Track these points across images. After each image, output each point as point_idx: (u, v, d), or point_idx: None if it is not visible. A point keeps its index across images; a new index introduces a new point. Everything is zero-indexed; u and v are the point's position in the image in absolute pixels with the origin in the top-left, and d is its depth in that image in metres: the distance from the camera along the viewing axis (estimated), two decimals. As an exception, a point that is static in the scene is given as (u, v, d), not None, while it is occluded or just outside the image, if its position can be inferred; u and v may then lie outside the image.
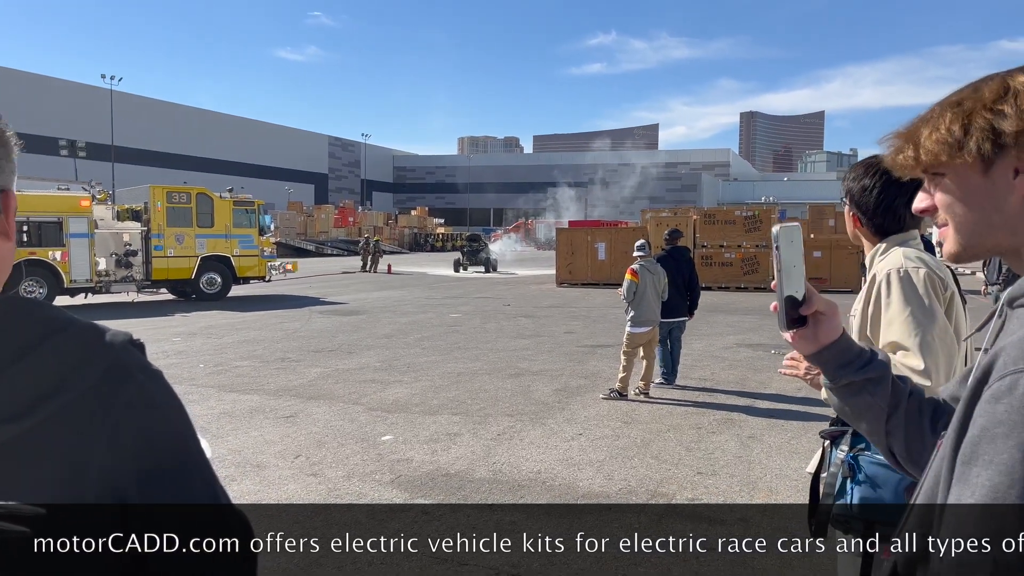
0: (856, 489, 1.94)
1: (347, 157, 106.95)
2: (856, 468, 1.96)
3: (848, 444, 1.99)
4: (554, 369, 9.42)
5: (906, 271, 2.07)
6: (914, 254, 2.17)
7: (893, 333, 2.02)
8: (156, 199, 19.03)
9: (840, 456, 2.01)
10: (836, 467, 2.01)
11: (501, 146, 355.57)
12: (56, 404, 0.75)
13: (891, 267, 2.10)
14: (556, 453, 5.78)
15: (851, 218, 2.28)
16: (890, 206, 2.26)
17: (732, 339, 12.16)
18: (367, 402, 7.54)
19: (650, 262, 8.01)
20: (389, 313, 16.15)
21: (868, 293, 2.13)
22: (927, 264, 2.13)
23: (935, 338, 1.98)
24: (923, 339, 1.97)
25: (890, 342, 2.03)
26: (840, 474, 1.98)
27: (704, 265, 22.35)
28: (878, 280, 2.11)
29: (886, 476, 1.92)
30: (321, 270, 32.81)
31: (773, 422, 6.72)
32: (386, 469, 5.37)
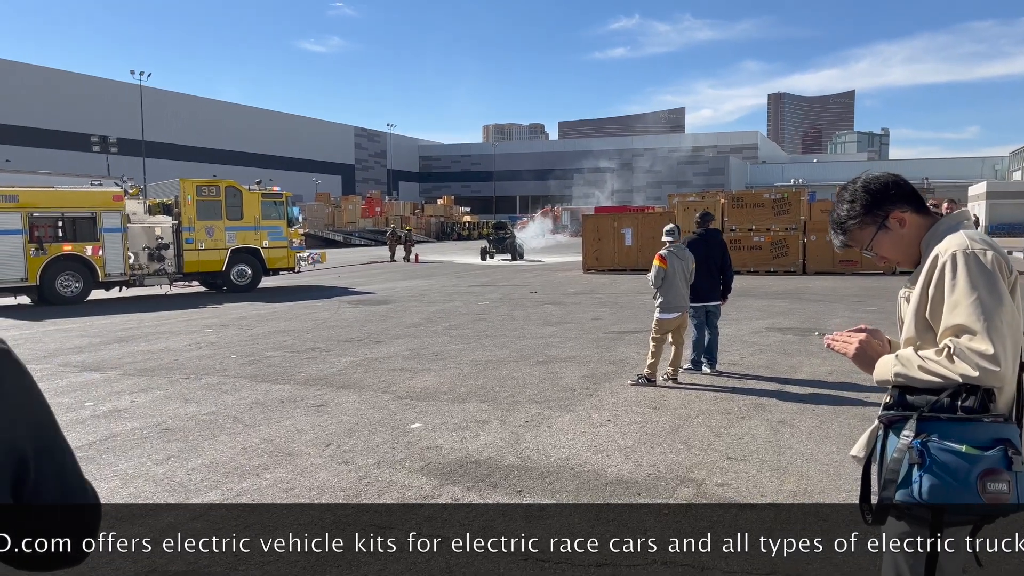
0: (925, 477, 1.87)
1: (373, 147, 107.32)
2: (926, 455, 1.88)
3: (913, 430, 1.91)
4: (582, 356, 9.42)
5: (973, 252, 1.98)
6: (979, 236, 2.07)
7: (959, 316, 1.93)
8: (186, 193, 19.28)
9: (904, 442, 1.92)
10: (900, 453, 1.92)
11: (526, 133, 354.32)
12: None
13: (957, 247, 2.00)
14: (584, 439, 5.79)
15: (885, 234, 2.18)
16: (892, 184, 2.21)
17: (761, 323, 12.05)
18: (396, 390, 7.61)
19: (678, 247, 7.95)
20: (416, 302, 16.24)
21: (929, 273, 2.03)
22: (993, 247, 2.03)
23: (1003, 322, 1.90)
24: (992, 323, 1.89)
25: (955, 324, 1.94)
26: (906, 461, 1.90)
27: (733, 249, 21.97)
28: (941, 260, 2.00)
29: (958, 464, 1.85)
30: (349, 260, 33.06)
31: (804, 407, 6.65)
32: (416, 456, 5.42)
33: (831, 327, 10.25)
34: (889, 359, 2.06)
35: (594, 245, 24.61)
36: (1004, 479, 1.83)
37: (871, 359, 2.13)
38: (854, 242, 2.25)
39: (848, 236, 2.25)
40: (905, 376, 1.99)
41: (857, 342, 2.17)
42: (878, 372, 2.09)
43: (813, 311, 13.68)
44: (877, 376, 2.10)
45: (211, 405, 7.10)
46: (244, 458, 5.46)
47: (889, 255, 2.22)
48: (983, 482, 1.83)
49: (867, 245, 2.22)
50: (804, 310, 13.85)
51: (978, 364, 1.87)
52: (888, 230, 2.18)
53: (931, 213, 2.21)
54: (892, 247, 2.20)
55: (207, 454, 5.58)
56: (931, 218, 2.18)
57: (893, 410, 1.99)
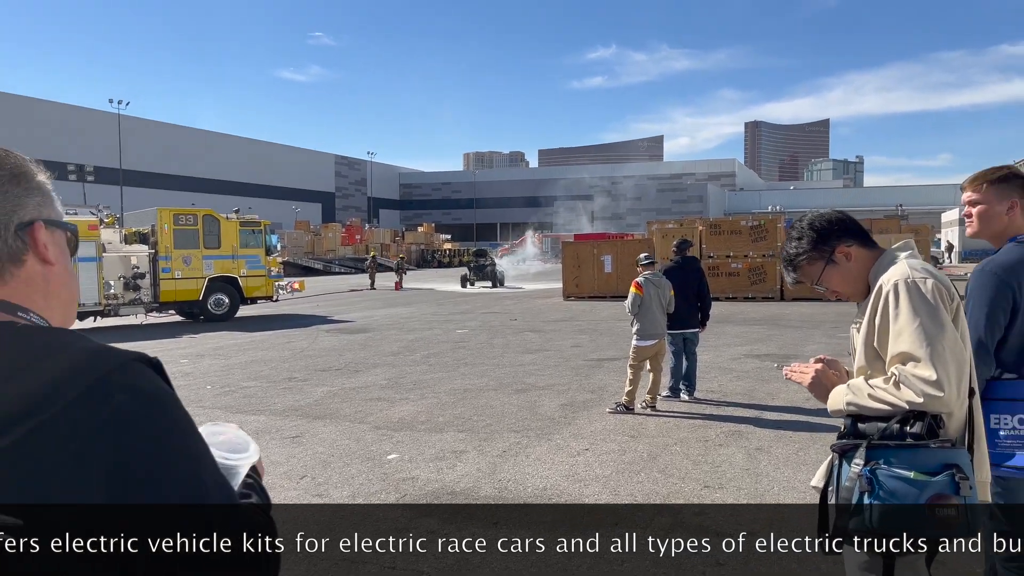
0: (875, 504, 1.90)
1: (353, 175, 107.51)
2: (875, 483, 1.91)
3: (863, 458, 1.95)
4: (560, 384, 9.40)
5: (914, 281, 2.05)
6: (920, 264, 2.16)
7: (903, 343, 1.99)
8: (163, 221, 19.15)
9: (855, 470, 1.95)
10: (851, 481, 1.95)
11: (507, 161, 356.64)
12: (34, 421, 0.80)
13: (898, 277, 2.07)
14: (562, 469, 5.75)
15: (834, 269, 2.26)
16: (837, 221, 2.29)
17: (740, 350, 12.11)
18: (373, 420, 7.54)
19: (655, 275, 7.99)
20: (396, 330, 16.17)
21: (875, 303, 2.10)
22: (934, 274, 2.11)
23: (946, 348, 1.96)
24: (934, 349, 1.95)
25: (900, 352, 1.99)
26: (856, 488, 1.94)
27: (711, 275, 22.19)
28: (884, 290, 2.08)
29: (906, 491, 1.88)
30: (329, 288, 32.91)
31: (781, 433, 6.67)
32: (391, 488, 5.36)
33: (808, 353, 10.33)
34: (841, 389, 2.11)
35: (574, 272, 24.70)
36: (952, 504, 1.85)
37: (826, 389, 2.18)
38: (805, 277, 2.32)
39: (799, 272, 2.32)
40: (856, 405, 2.04)
41: (813, 371, 2.22)
42: (831, 402, 2.14)
43: (791, 337, 13.77)
44: (830, 406, 2.14)
45: (184, 437, 6.97)
46: (216, 492, 5.36)
47: (839, 288, 2.28)
48: (931, 507, 1.85)
49: (817, 280, 2.29)
50: (782, 336, 13.94)
51: (922, 390, 1.92)
52: (836, 264, 2.26)
53: (876, 246, 2.28)
54: (841, 281, 2.27)
55: (178, 488, 5.47)
56: (876, 251, 2.26)
57: (845, 439, 2.03)
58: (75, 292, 1.04)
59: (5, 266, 0.93)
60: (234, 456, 1.12)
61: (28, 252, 0.95)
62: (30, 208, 0.95)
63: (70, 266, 1.02)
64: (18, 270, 0.94)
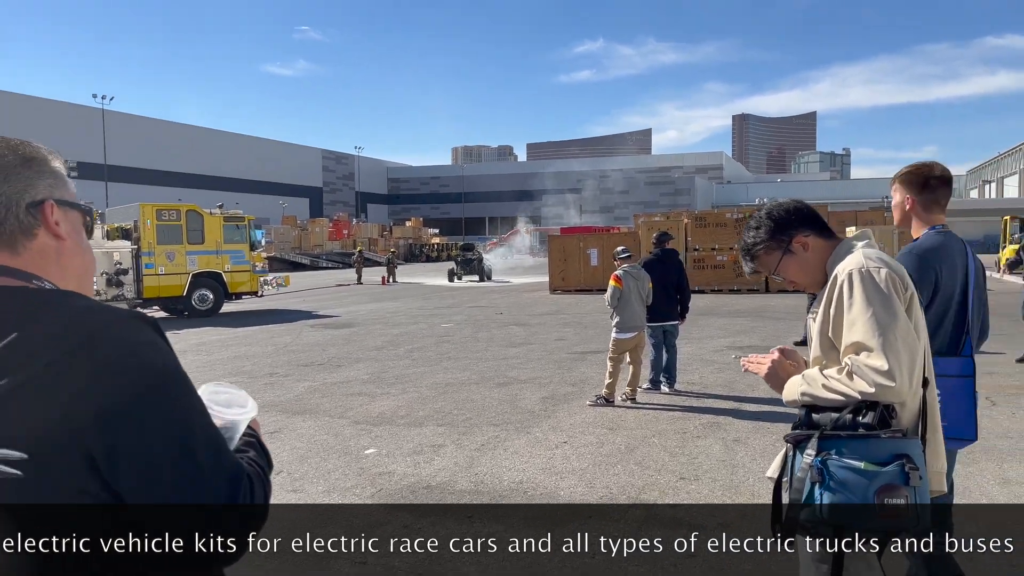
0: (825, 494, 1.90)
1: (341, 170, 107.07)
2: (825, 473, 1.91)
3: (815, 448, 1.95)
4: (543, 377, 9.40)
5: (867, 270, 2.05)
6: (875, 254, 2.16)
7: (856, 334, 2.00)
8: (146, 217, 19.01)
9: (807, 461, 1.95)
10: (803, 471, 1.96)
11: (495, 155, 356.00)
12: (36, 366, 0.91)
13: (852, 266, 2.08)
14: (539, 462, 5.75)
15: (791, 259, 2.26)
16: (794, 210, 2.28)
17: (723, 342, 12.15)
18: (353, 415, 7.51)
19: (634, 267, 8.00)
20: (381, 325, 16.13)
21: (830, 293, 2.10)
22: (888, 264, 2.12)
23: (898, 338, 1.96)
24: (887, 339, 1.95)
25: (853, 343, 2.00)
26: (808, 479, 1.94)
27: (697, 268, 22.37)
28: (839, 280, 2.08)
29: (856, 481, 1.88)
30: (315, 283, 32.79)
31: (759, 424, 6.69)
32: (367, 483, 5.34)
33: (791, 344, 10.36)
34: (796, 379, 2.11)
35: (560, 266, 24.72)
36: (902, 494, 1.85)
37: (782, 380, 2.17)
38: (762, 267, 2.32)
39: (756, 262, 2.32)
40: (811, 395, 2.03)
41: (770, 362, 2.22)
42: (787, 392, 2.13)
43: (774, 329, 13.83)
44: (786, 396, 2.14)
45: (161, 434, 6.93)
46: (191, 488, 5.33)
47: (796, 279, 2.28)
48: (881, 498, 1.85)
49: (774, 269, 2.28)
50: (765, 328, 13.99)
51: (874, 380, 1.92)
52: (793, 254, 2.25)
53: (834, 236, 2.27)
54: (798, 270, 2.26)
55: (153, 485, 5.44)
56: (834, 241, 2.25)
57: (799, 429, 2.02)
58: (89, 265, 1.17)
59: (18, 239, 1.05)
60: (231, 411, 1.21)
61: (40, 227, 1.07)
62: (41, 188, 1.08)
63: (84, 242, 1.15)
64: (30, 243, 1.06)
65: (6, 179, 1.05)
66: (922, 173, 3.02)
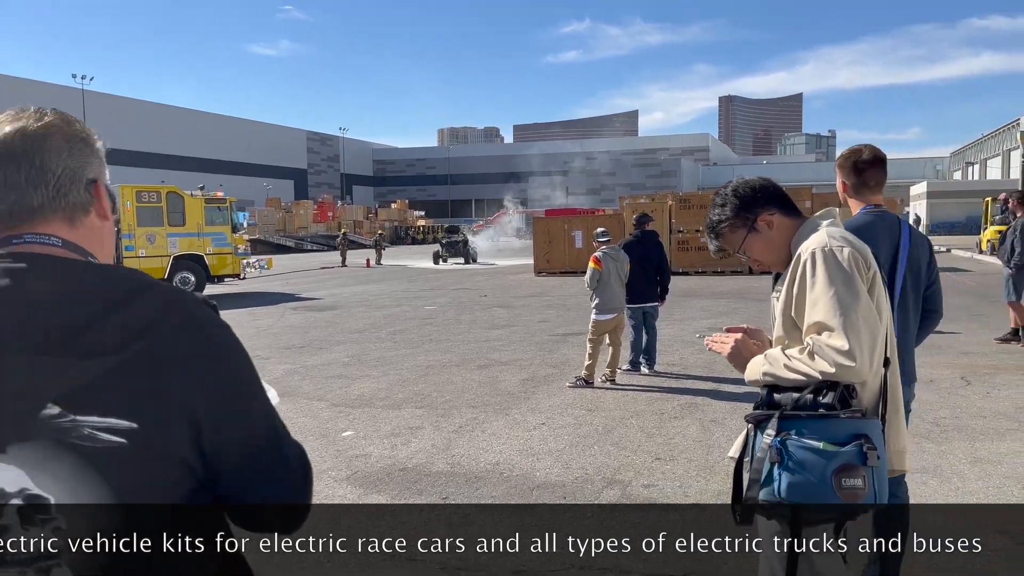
0: (784, 475, 1.88)
1: (326, 152, 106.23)
2: (784, 454, 1.90)
3: (775, 428, 1.92)
4: (524, 359, 9.39)
5: (831, 249, 2.03)
6: (839, 232, 2.15)
7: (818, 313, 1.98)
8: (125, 199, 18.76)
9: (766, 441, 1.94)
10: (763, 452, 1.95)
11: (481, 137, 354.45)
12: (142, 344, 0.95)
13: (816, 245, 2.06)
14: (516, 443, 5.75)
15: (756, 238, 2.23)
16: (760, 188, 2.26)
17: (704, 323, 12.19)
18: (332, 398, 7.48)
19: (613, 249, 7.98)
20: (364, 307, 16.06)
21: (793, 272, 2.09)
22: (851, 243, 2.10)
23: (860, 317, 1.95)
24: (848, 319, 1.93)
25: (815, 322, 1.99)
26: (767, 460, 1.92)
27: (681, 250, 22.41)
28: (803, 259, 2.06)
29: (814, 461, 1.86)
30: (300, 266, 32.60)
31: (737, 405, 6.71)
32: (343, 465, 5.32)
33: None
34: (759, 359, 2.09)
35: (545, 248, 24.69)
36: (859, 475, 1.84)
37: (745, 359, 2.15)
38: (727, 245, 2.29)
39: (721, 240, 2.29)
40: (773, 375, 2.02)
41: (733, 341, 2.20)
42: (749, 372, 2.12)
43: (756, 310, 13.88)
44: (748, 376, 2.12)
45: (138, 417, 6.88)
46: (165, 471, 5.29)
47: (761, 257, 2.26)
48: (838, 478, 1.84)
49: (739, 248, 2.26)
50: (747, 309, 14.04)
51: (834, 360, 1.91)
52: (758, 232, 2.22)
53: (799, 215, 2.25)
54: (763, 249, 2.24)
55: (127, 468, 5.40)
56: (799, 219, 2.23)
57: (760, 409, 2.00)
58: (114, 250, 1.20)
59: (78, 214, 1.08)
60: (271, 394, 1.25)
61: (92, 205, 1.10)
62: (94, 167, 1.11)
63: (112, 227, 1.18)
64: (85, 219, 1.09)
65: (71, 153, 1.07)
66: (851, 158, 3.17)
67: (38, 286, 0.98)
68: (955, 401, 6.70)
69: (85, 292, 0.99)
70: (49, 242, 1.04)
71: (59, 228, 1.06)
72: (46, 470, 0.92)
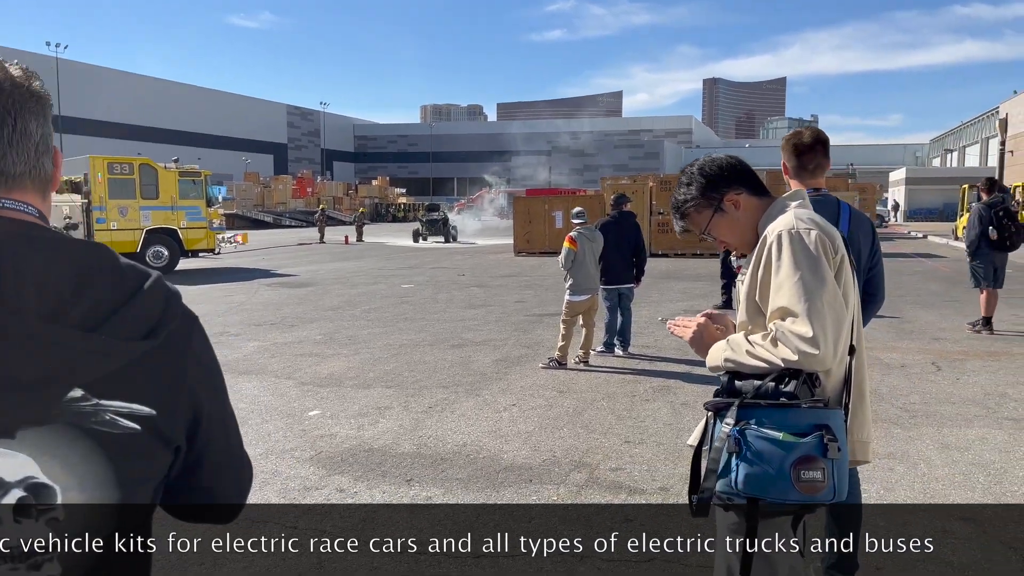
0: (741, 466, 1.81)
1: (306, 126, 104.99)
2: (743, 443, 1.81)
3: (734, 417, 1.85)
4: (498, 339, 9.31)
5: (798, 231, 1.94)
6: (806, 214, 2.06)
7: (782, 298, 1.90)
8: (96, 170, 18.38)
9: (725, 430, 1.86)
10: (721, 442, 1.86)
11: (465, 114, 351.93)
12: (165, 331, 0.94)
13: (782, 227, 1.97)
14: (486, 425, 5.68)
15: (722, 218, 2.14)
16: (727, 166, 2.17)
17: (681, 305, 12.17)
18: (300, 376, 7.36)
19: (589, 230, 7.89)
20: (340, 284, 15.89)
21: (759, 255, 2.00)
22: (819, 225, 2.02)
23: (825, 304, 1.86)
24: (813, 305, 1.85)
25: (779, 307, 1.90)
26: (725, 449, 1.84)
27: (660, 232, 22.36)
28: (768, 241, 1.97)
29: (772, 452, 1.79)
30: (277, 242, 32.25)
31: (709, 388, 6.62)
32: (307, 446, 5.22)
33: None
34: (721, 345, 2.01)
35: (525, 228, 24.57)
36: (818, 467, 1.77)
37: (707, 345, 2.07)
38: (693, 226, 2.20)
39: (687, 220, 2.20)
40: (735, 361, 1.94)
41: (696, 326, 2.12)
42: (710, 358, 2.04)
43: (733, 293, 13.89)
44: (709, 362, 2.04)
45: (100, 394, 6.73)
46: (123, 450, 5.17)
47: (727, 239, 2.17)
48: (797, 470, 1.77)
49: (704, 229, 2.17)
50: (724, 292, 14.01)
51: (797, 347, 1.83)
52: (724, 213, 2.13)
53: (768, 195, 2.16)
54: (729, 230, 2.15)
55: (84, 446, 5.26)
56: (767, 199, 2.14)
57: (721, 396, 1.92)
58: None
59: (48, 186, 1.01)
60: None
61: (53, 177, 1.02)
62: (52, 135, 1.01)
63: None
64: (49, 191, 1.01)
65: (46, 118, 0.99)
66: (791, 141, 3.12)
67: (55, 258, 0.91)
68: (925, 387, 6.71)
69: (102, 270, 0.93)
70: (27, 211, 0.95)
71: (33, 198, 0.97)
72: (58, 457, 0.87)
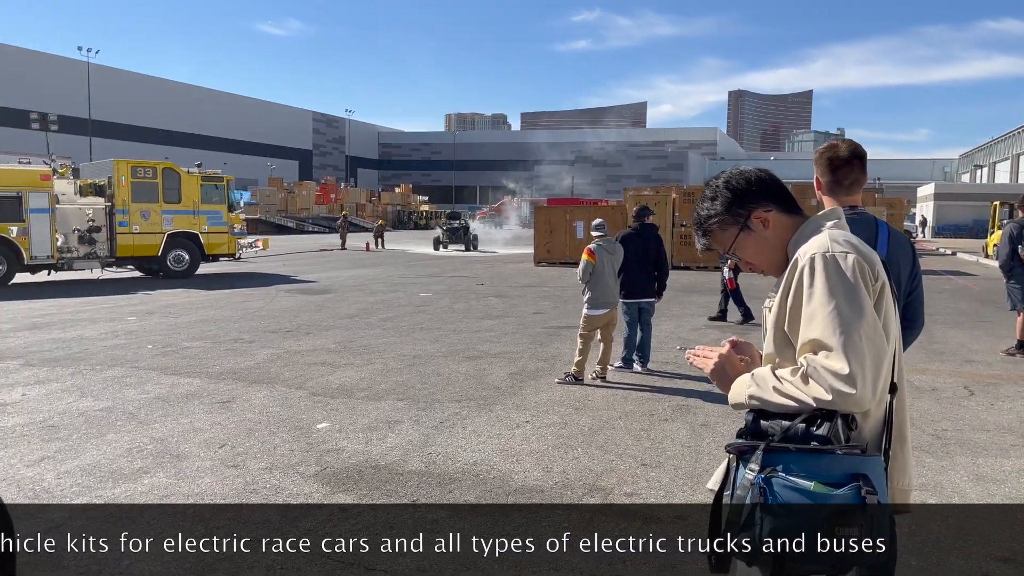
0: (767, 519, 1.60)
1: (332, 133, 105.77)
2: (769, 493, 1.61)
3: (759, 463, 1.64)
4: (514, 351, 9.13)
5: (833, 255, 1.73)
6: (842, 236, 1.84)
7: (815, 330, 1.68)
8: (120, 174, 18.51)
9: (749, 477, 1.64)
10: (744, 490, 1.65)
11: (488, 123, 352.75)
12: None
13: (816, 250, 1.75)
14: (497, 442, 5.49)
15: (748, 237, 1.93)
16: (756, 180, 1.97)
17: (702, 320, 11.92)
18: (311, 386, 7.23)
19: (608, 241, 7.70)
20: (358, 292, 15.80)
21: (788, 280, 1.78)
22: (856, 248, 1.80)
23: (863, 337, 1.64)
24: (849, 338, 1.63)
25: (811, 340, 1.68)
26: (748, 499, 1.64)
27: (683, 244, 22.07)
28: (800, 265, 1.76)
29: (802, 504, 1.58)
30: (298, 247, 32.35)
31: (729, 409, 6.43)
32: (313, 460, 5.07)
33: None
34: (745, 379, 1.80)
35: (546, 237, 24.39)
36: (855, 523, 1.56)
37: (730, 378, 1.86)
38: (716, 244, 1.99)
39: (710, 237, 1.99)
40: (760, 399, 1.73)
41: (717, 357, 1.91)
42: (733, 394, 1.83)
43: (756, 308, 13.58)
44: (732, 398, 1.84)
45: (108, 400, 6.64)
46: (126, 460, 5.05)
47: (753, 260, 1.96)
48: (831, 526, 1.56)
49: (728, 248, 1.96)
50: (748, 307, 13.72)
51: (831, 386, 1.61)
52: (751, 231, 1.92)
53: (800, 213, 1.95)
54: (756, 251, 1.94)
55: (87, 455, 5.15)
56: (799, 218, 1.93)
57: (745, 437, 1.72)
58: None
59: None
60: None
61: None
62: None
63: None
64: None
65: None
66: (825, 154, 2.85)
67: None
68: (957, 412, 6.43)
69: None
70: None
71: None
72: None
